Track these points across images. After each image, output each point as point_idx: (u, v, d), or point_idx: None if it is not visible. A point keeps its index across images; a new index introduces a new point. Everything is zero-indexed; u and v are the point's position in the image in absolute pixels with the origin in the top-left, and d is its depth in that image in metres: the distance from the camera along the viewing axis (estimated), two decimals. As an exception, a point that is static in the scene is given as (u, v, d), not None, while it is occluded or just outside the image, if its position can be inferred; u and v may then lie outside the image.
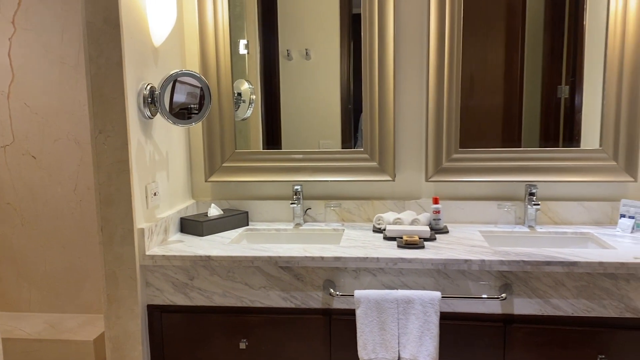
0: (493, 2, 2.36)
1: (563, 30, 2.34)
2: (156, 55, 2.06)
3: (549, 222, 2.27)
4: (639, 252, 1.82)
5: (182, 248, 1.99)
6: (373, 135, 2.33)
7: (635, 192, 2.23)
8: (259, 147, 2.48)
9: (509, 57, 2.37)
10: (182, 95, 1.88)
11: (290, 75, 2.46)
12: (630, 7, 2.11)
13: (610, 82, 2.17)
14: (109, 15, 1.75)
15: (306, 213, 2.40)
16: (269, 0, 2.44)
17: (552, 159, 2.24)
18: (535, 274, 1.78)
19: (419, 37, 2.29)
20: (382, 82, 2.28)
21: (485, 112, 2.40)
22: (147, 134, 1.98)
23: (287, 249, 1.94)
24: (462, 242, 2.01)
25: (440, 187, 2.35)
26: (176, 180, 2.29)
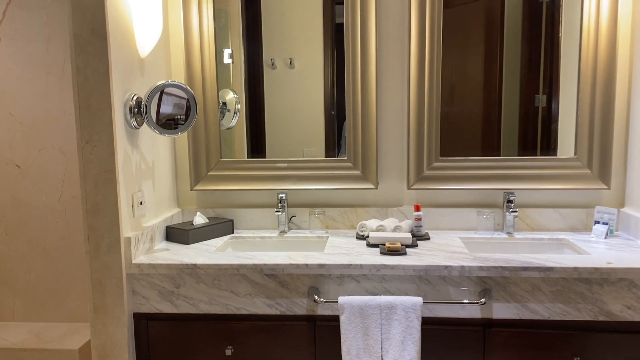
0: (472, 15, 2.44)
1: (540, 41, 2.41)
2: (142, 66, 2.08)
3: (526, 228, 2.33)
4: (612, 258, 1.89)
5: (168, 256, 2.01)
6: (356, 144, 2.38)
7: (609, 199, 2.31)
8: (244, 155, 2.52)
9: (488, 67, 2.44)
10: (169, 106, 1.91)
11: (275, 84, 2.50)
12: (602, 20, 2.19)
13: (584, 93, 2.25)
14: (96, 27, 1.78)
15: (291, 221, 2.44)
16: (253, 10, 2.48)
17: (530, 167, 2.31)
18: (513, 279, 1.84)
19: (400, 48, 2.35)
20: (364, 92, 2.34)
21: (465, 121, 2.47)
22: (133, 143, 2.00)
23: (272, 257, 1.97)
24: (443, 248, 2.06)
25: (421, 194, 2.40)
26: (162, 189, 2.31)
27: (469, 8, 2.48)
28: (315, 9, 2.44)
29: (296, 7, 2.44)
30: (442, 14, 2.30)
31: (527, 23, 2.41)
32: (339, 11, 2.41)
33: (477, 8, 2.47)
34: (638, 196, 2.17)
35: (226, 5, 2.45)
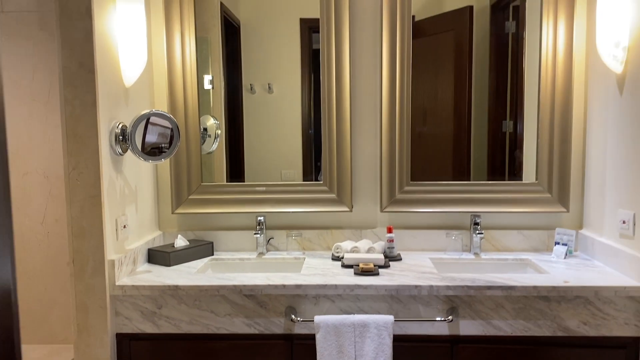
0: (443, 45, 2.59)
1: (507, 70, 2.56)
2: (127, 95, 2.18)
3: (492, 249, 2.47)
4: (569, 277, 2.03)
5: (150, 278, 2.09)
6: (332, 169, 2.49)
7: (568, 222, 2.46)
8: (223, 179, 2.61)
9: (458, 94, 2.58)
10: (154, 135, 2.01)
11: (254, 109, 2.61)
12: (559, 54, 2.36)
13: (543, 122, 2.41)
14: (84, 61, 1.88)
15: (269, 242, 2.53)
16: (233, 37, 2.59)
17: (495, 192, 2.45)
18: (478, 297, 1.96)
19: (373, 76, 2.48)
20: (339, 118, 2.46)
21: (437, 146, 2.61)
22: (117, 169, 2.09)
23: (251, 278, 2.06)
24: (414, 268, 2.18)
25: (394, 217, 2.52)
26: (144, 213, 2.39)
27: (439, 38, 2.63)
28: (293, 36, 2.56)
29: (275, 34, 2.56)
30: (411, 45, 2.43)
31: (494, 53, 2.57)
32: (315, 38, 2.54)
33: (447, 38, 2.63)
34: (594, 219, 2.33)
35: (207, 34, 2.56)
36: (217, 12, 2.59)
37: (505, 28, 2.56)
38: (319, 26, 2.46)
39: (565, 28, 2.34)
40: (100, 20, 1.94)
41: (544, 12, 2.37)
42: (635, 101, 1.97)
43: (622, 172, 2.07)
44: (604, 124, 2.23)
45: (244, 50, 2.59)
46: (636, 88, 1.97)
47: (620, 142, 2.09)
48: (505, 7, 2.55)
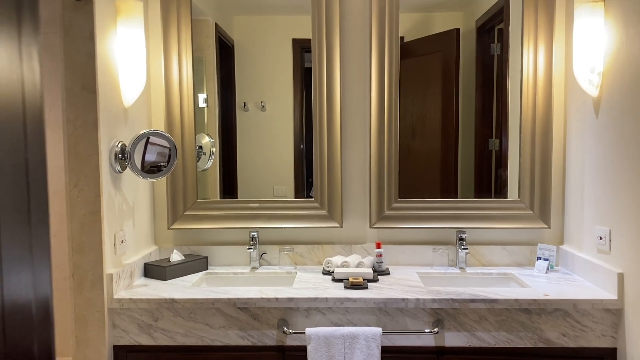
0: (431, 65, 2.70)
1: (492, 90, 2.67)
2: (126, 115, 2.27)
3: (477, 264, 2.56)
4: (549, 290, 2.12)
5: (147, 291, 2.16)
6: (323, 186, 2.58)
7: (550, 237, 2.56)
8: (217, 194, 2.70)
9: (446, 113, 2.69)
10: (153, 155, 2.09)
11: (247, 126, 2.70)
12: (539, 76, 2.47)
13: (525, 141, 2.52)
14: (86, 83, 1.97)
15: (262, 257, 2.61)
16: (228, 57, 2.69)
17: (480, 208, 2.55)
18: (462, 310, 2.05)
19: (363, 96, 2.58)
20: (330, 137, 2.55)
21: (425, 163, 2.71)
22: (116, 186, 2.16)
23: (244, 291, 2.14)
24: (401, 282, 2.26)
25: (382, 232, 2.61)
26: (141, 228, 2.46)
27: (427, 59, 2.75)
28: (286, 56, 2.67)
29: (268, 53, 2.66)
30: (399, 65, 2.53)
31: (480, 74, 2.68)
32: (307, 57, 2.64)
33: (435, 59, 2.75)
34: (574, 235, 2.43)
35: (202, 54, 2.66)
36: (212, 33, 2.69)
37: (491, 50, 2.68)
38: (310, 46, 2.57)
39: (545, 53, 2.46)
40: (102, 44, 2.03)
41: (525, 37, 2.48)
42: (610, 124, 2.09)
43: (599, 190, 2.18)
44: (582, 144, 2.34)
45: (237, 69, 2.68)
46: (610, 111, 2.09)
47: (596, 162, 2.20)
48: (490, 29, 2.67)
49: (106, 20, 2.08)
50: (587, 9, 2.16)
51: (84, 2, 1.95)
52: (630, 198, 1.95)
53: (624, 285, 2.00)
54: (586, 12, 2.16)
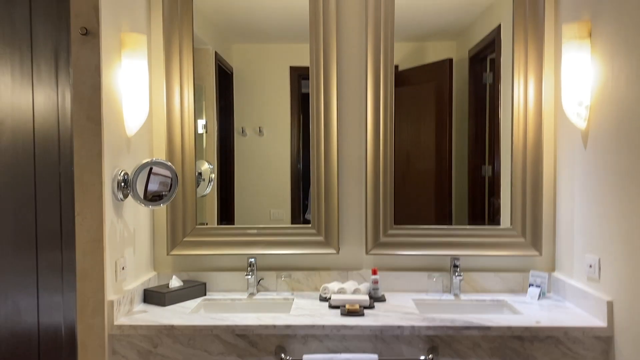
0: (425, 93, 2.78)
1: (485, 118, 2.74)
2: (129, 143, 2.33)
3: (471, 290, 2.61)
4: (541, 317, 2.17)
5: (147, 317, 2.19)
6: (320, 212, 2.64)
7: (541, 264, 2.61)
8: (214, 219, 2.75)
9: (440, 140, 2.76)
10: (155, 184, 2.14)
11: (245, 151, 2.76)
12: (530, 108, 2.56)
13: (516, 171, 2.59)
14: (92, 114, 2.03)
15: (259, 283, 2.65)
16: (227, 84, 2.76)
17: (474, 235, 2.61)
18: (456, 337, 2.09)
19: (359, 124, 2.65)
20: (327, 164, 2.61)
21: (420, 190, 2.78)
22: (118, 214, 2.21)
23: (242, 318, 2.17)
24: (397, 309, 2.31)
25: (378, 259, 2.66)
26: (141, 254, 2.50)
27: (422, 87, 2.83)
28: (284, 82, 2.74)
29: (266, 80, 2.74)
30: (394, 93, 2.60)
31: (473, 102, 2.76)
32: (305, 84, 2.71)
33: (429, 88, 2.83)
34: (565, 262, 2.49)
35: (202, 82, 2.73)
36: (212, 61, 2.77)
37: (483, 79, 2.76)
38: (308, 73, 2.64)
39: (535, 84, 2.55)
40: (107, 76, 2.10)
41: (515, 69, 2.57)
42: (597, 155, 2.16)
43: (588, 219, 2.25)
44: (571, 174, 2.41)
45: (236, 95, 2.76)
46: (597, 143, 2.16)
47: (585, 192, 2.27)
48: (483, 59, 2.76)
49: (111, 54, 2.15)
50: (574, 45, 2.25)
51: (90, 37, 2.02)
52: (618, 228, 2.01)
53: (613, 313, 2.05)
54: (573, 47, 2.25)
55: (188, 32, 2.61)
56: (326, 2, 2.59)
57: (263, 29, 2.77)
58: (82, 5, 2.00)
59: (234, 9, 2.73)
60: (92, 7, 2.01)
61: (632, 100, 1.92)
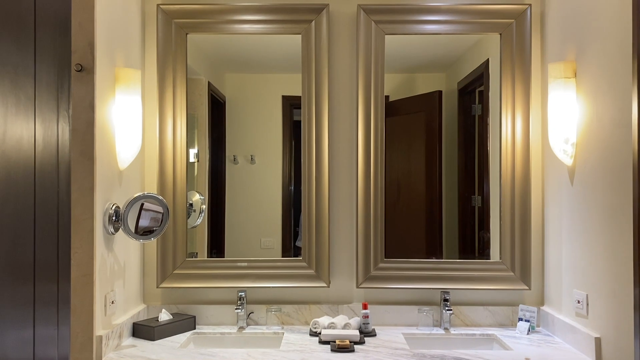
0: (415, 124, 2.82)
1: (474, 149, 2.78)
2: (121, 177, 2.34)
3: (461, 324, 2.61)
4: (530, 353, 2.18)
5: (135, 353, 2.17)
6: (310, 245, 2.65)
7: (530, 298, 2.63)
8: (204, 250, 2.75)
9: (429, 170, 2.79)
10: (147, 220, 2.15)
11: (236, 178, 2.77)
12: (517, 144, 2.60)
13: (505, 204, 2.62)
14: (85, 149, 2.04)
15: (249, 317, 2.63)
16: (218, 112, 2.78)
17: (463, 269, 2.62)
18: (446, 374, 2.09)
19: (350, 155, 2.68)
20: (318, 199, 2.63)
21: (411, 221, 2.80)
22: (109, 247, 2.21)
23: (232, 354, 2.16)
24: (387, 345, 2.30)
25: (369, 292, 2.66)
26: (130, 287, 2.49)
27: (412, 118, 2.87)
28: (276, 111, 2.77)
29: (258, 109, 2.77)
30: (384, 123, 2.64)
31: (462, 133, 2.80)
32: (296, 112, 2.74)
33: (419, 118, 2.87)
34: (554, 297, 2.50)
35: (194, 111, 2.75)
36: (205, 91, 2.80)
37: (472, 111, 2.81)
38: (300, 102, 2.68)
39: (522, 120, 2.60)
40: (101, 111, 2.13)
41: (503, 104, 2.62)
42: (584, 192, 2.20)
43: (576, 255, 2.28)
44: (559, 209, 2.45)
45: (228, 123, 2.78)
46: (584, 180, 2.20)
47: (573, 228, 2.30)
48: (471, 91, 2.81)
49: (105, 89, 2.18)
50: (560, 84, 2.31)
51: (85, 73, 2.05)
52: (605, 265, 2.04)
53: (601, 350, 2.06)
54: (559, 86, 2.31)
55: (182, 65, 2.64)
56: (318, 35, 2.64)
57: (255, 60, 2.82)
58: (78, 41, 2.04)
59: (227, 41, 2.77)
60: (88, 44, 2.05)
61: (617, 141, 1.96)
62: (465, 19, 2.64)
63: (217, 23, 2.66)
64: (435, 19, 2.65)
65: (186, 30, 2.65)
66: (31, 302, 0.78)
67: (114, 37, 2.27)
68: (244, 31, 2.68)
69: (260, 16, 2.64)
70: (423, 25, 2.67)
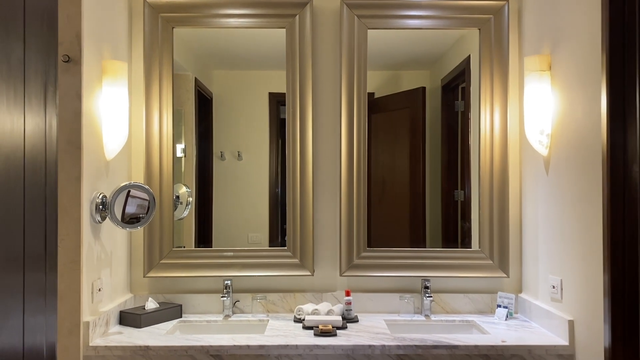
0: (399, 120, 2.88)
1: (457, 144, 2.86)
2: (107, 167, 2.38)
3: (441, 311, 2.68)
4: (507, 337, 2.25)
5: (122, 339, 2.22)
6: (295, 235, 2.70)
7: (509, 286, 2.71)
8: (192, 242, 2.79)
9: (413, 165, 2.86)
10: (133, 207, 2.20)
11: (223, 175, 2.82)
12: (496, 136, 2.68)
13: (484, 196, 2.70)
14: (72, 138, 2.08)
15: (235, 305, 2.69)
16: (206, 109, 2.83)
17: (444, 258, 2.70)
18: (425, 356, 2.16)
19: (334, 149, 2.74)
20: (303, 191, 2.69)
21: (395, 214, 2.87)
22: (96, 236, 2.25)
23: (217, 339, 2.21)
24: (369, 330, 2.37)
25: (352, 280, 2.73)
26: (117, 276, 2.53)
27: (396, 114, 2.94)
28: (262, 108, 2.82)
29: (245, 106, 2.82)
30: (367, 120, 2.70)
31: (446, 128, 2.87)
32: (283, 110, 2.80)
33: (403, 115, 2.94)
34: (531, 284, 2.58)
35: (181, 107, 2.80)
36: (192, 87, 2.84)
37: (455, 107, 2.88)
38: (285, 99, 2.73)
39: (500, 113, 2.68)
40: (88, 102, 2.17)
41: (482, 98, 2.70)
42: (558, 181, 2.28)
43: (551, 242, 2.36)
44: (535, 199, 2.53)
45: (215, 120, 2.83)
46: (558, 170, 2.28)
47: (548, 216, 2.38)
48: (454, 88, 2.89)
49: (93, 80, 2.22)
50: (535, 76, 2.39)
51: (72, 64, 2.09)
52: (578, 250, 2.12)
53: (574, 332, 2.14)
54: (535, 79, 2.39)
55: (168, 59, 2.69)
56: (302, 29, 2.70)
57: (242, 56, 2.87)
58: (65, 33, 2.08)
59: (213, 37, 2.82)
60: (75, 36, 2.09)
61: (588, 131, 2.04)
62: (445, 14, 2.71)
63: (202, 17, 2.71)
64: (416, 14, 2.72)
65: (172, 24, 2.69)
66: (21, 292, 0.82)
67: (101, 30, 2.31)
68: (229, 25, 2.73)
69: (245, 10, 2.69)
70: (405, 20, 2.73)
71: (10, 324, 0.79)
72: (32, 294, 0.84)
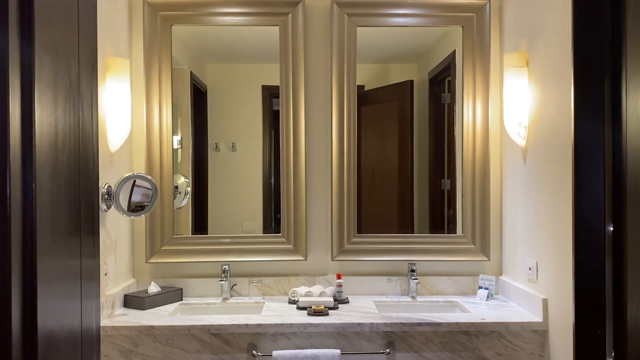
0: (388, 112, 3.03)
1: (444, 135, 3.01)
2: (111, 159, 2.52)
3: (427, 293, 2.86)
4: (487, 315, 2.43)
5: (128, 319, 2.37)
6: (289, 222, 2.86)
7: (490, 269, 2.88)
8: (188, 230, 2.93)
9: (402, 155, 3.01)
10: (138, 196, 2.34)
11: (218, 165, 2.96)
12: (477, 127, 2.84)
13: (466, 183, 2.86)
14: (79, 132, 2.22)
15: (232, 289, 2.84)
16: (201, 101, 2.96)
17: (429, 243, 2.86)
18: (410, 333, 2.33)
19: (326, 140, 2.89)
20: (296, 179, 2.84)
21: (384, 202, 3.02)
22: (102, 224, 2.40)
23: (217, 319, 2.37)
24: (359, 310, 2.54)
25: (343, 265, 2.89)
26: (121, 262, 2.68)
27: (385, 106, 3.09)
28: (256, 100, 2.95)
29: (239, 98, 2.96)
30: (357, 111, 2.84)
31: (433, 120, 3.02)
32: (276, 102, 2.93)
33: (392, 107, 3.09)
34: (511, 267, 2.76)
35: (177, 99, 2.92)
36: (188, 80, 2.97)
37: (442, 99, 3.03)
38: (279, 92, 2.87)
39: (482, 106, 2.84)
40: (93, 98, 2.30)
41: (465, 92, 2.86)
42: (534, 170, 2.45)
43: (528, 226, 2.53)
44: (514, 186, 2.70)
45: (210, 112, 2.96)
46: (535, 160, 2.45)
47: (525, 202, 2.55)
48: (441, 81, 3.03)
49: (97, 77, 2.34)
50: (514, 72, 2.55)
51: (78, 62, 2.22)
52: (551, 234, 2.29)
53: (548, 309, 2.32)
54: (513, 75, 2.55)
55: (167, 55, 2.82)
56: (294, 27, 2.84)
57: (236, 50, 3.00)
58: (71, 33, 2.20)
59: (208, 32, 2.94)
60: (81, 35, 2.21)
61: (560, 123, 2.21)
62: (430, 12, 2.86)
63: (200, 15, 2.83)
64: (403, 12, 2.86)
65: (171, 22, 2.82)
66: (79, 276, 0.96)
67: (104, 29, 2.43)
68: (225, 23, 2.86)
69: (240, 9, 2.82)
70: (392, 18, 2.88)
71: (72, 307, 0.92)
72: (86, 278, 0.98)
